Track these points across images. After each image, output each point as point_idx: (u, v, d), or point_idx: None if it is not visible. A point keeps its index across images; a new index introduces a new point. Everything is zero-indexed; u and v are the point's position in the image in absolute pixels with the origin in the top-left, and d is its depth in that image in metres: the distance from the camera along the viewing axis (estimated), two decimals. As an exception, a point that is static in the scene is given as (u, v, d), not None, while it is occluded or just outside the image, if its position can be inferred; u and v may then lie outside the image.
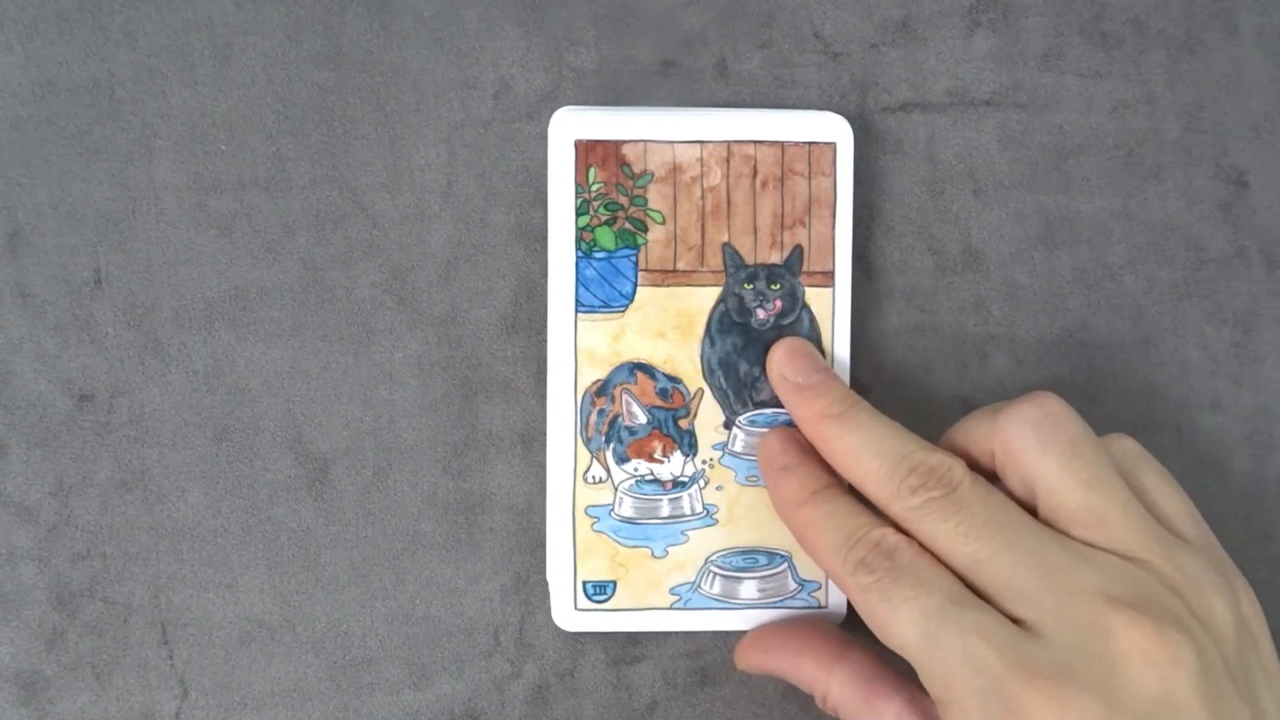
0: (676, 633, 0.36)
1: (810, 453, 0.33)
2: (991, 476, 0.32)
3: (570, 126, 0.34)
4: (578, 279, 0.35)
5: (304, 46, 0.35)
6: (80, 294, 0.35)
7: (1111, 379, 0.37)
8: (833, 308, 0.35)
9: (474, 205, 0.36)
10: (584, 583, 0.35)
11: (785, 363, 0.34)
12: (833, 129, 0.35)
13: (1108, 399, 0.37)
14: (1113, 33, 0.37)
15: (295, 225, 0.36)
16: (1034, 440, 0.30)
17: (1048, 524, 0.30)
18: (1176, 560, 0.29)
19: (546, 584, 0.35)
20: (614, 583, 0.35)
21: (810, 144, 0.35)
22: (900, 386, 0.36)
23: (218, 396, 0.35)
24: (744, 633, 0.35)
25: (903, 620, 0.29)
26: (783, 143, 0.35)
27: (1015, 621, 0.28)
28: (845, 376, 0.35)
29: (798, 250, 0.35)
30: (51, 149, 0.35)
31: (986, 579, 0.29)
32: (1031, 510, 0.31)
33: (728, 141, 0.35)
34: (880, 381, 0.36)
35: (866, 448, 0.31)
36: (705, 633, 0.36)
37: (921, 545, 0.30)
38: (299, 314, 0.36)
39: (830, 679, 0.32)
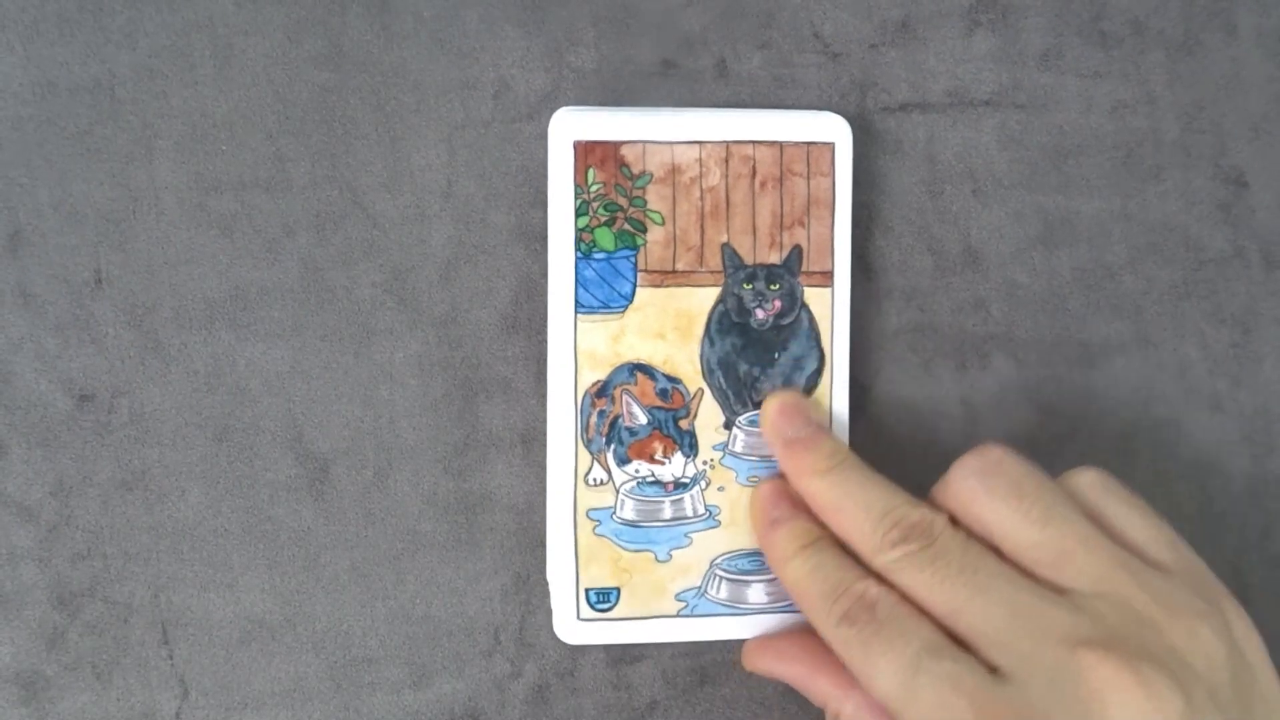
0: (676, 632, 0.36)
1: (801, 505, 0.33)
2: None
3: (570, 127, 0.34)
4: (577, 280, 0.35)
5: (304, 46, 0.35)
6: (80, 294, 0.35)
7: (1111, 379, 0.37)
8: (832, 308, 0.35)
9: (474, 205, 0.36)
10: (587, 590, 0.35)
11: (777, 416, 0.34)
12: (832, 129, 0.35)
13: (1107, 399, 0.37)
14: (1112, 33, 0.37)
15: (295, 225, 0.36)
16: (980, 488, 0.31)
17: (1014, 567, 0.30)
18: (1151, 588, 0.29)
19: (546, 584, 0.35)
20: (618, 590, 0.35)
21: (809, 144, 0.35)
22: (900, 386, 0.36)
23: (218, 396, 0.36)
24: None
25: (882, 672, 0.29)
26: (782, 143, 0.35)
27: (992, 668, 0.28)
28: (845, 377, 0.35)
29: (797, 250, 0.35)
30: (52, 149, 0.35)
31: (964, 626, 0.29)
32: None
33: (726, 142, 0.35)
34: (880, 381, 0.36)
35: (852, 502, 0.32)
36: (705, 632, 0.36)
37: (902, 596, 0.30)
38: (299, 314, 0.36)
39: (845, 700, 0.32)
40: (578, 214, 0.34)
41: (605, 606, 0.35)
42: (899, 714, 0.29)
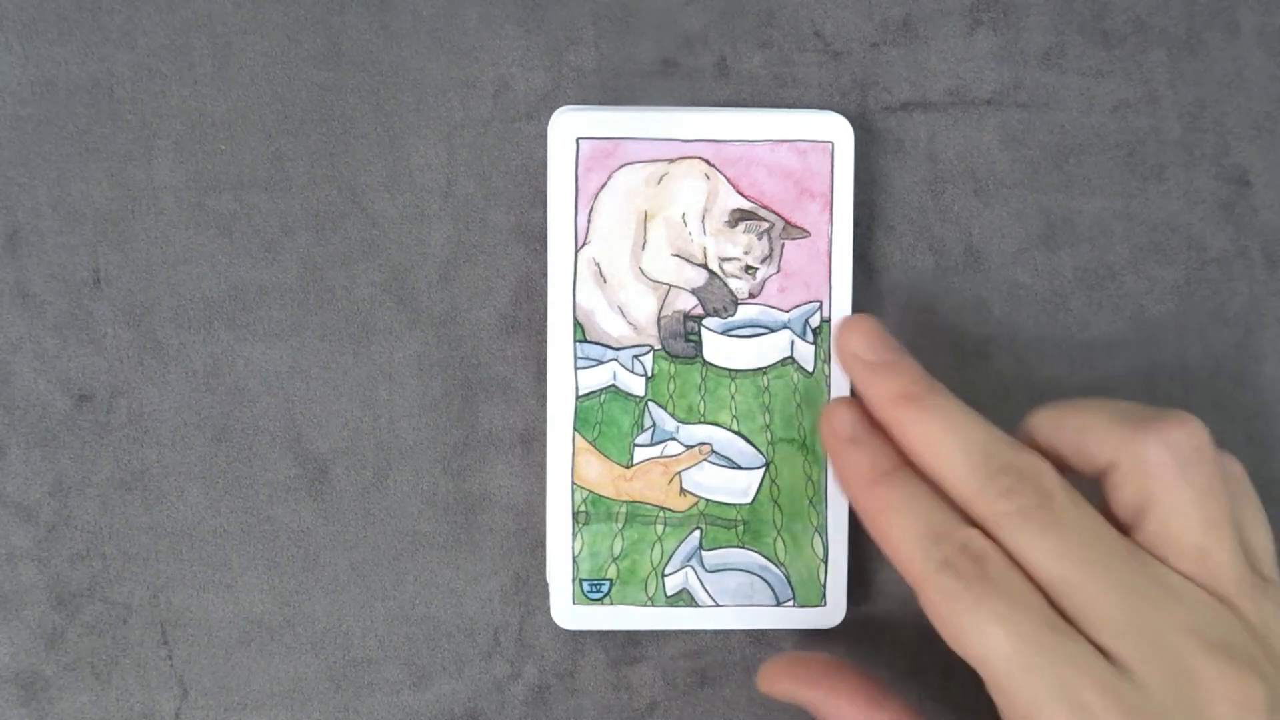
0: (676, 633, 0.36)
1: (880, 429, 0.30)
2: (1069, 473, 0.30)
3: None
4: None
5: (304, 46, 0.35)
6: (80, 294, 0.35)
7: (1113, 379, 0.37)
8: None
9: (474, 205, 0.36)
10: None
11: (855, 338, 0.31)
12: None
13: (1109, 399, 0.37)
14: (1114, 31, 0.37)
15: (295, 225, 0.35)
16: (1174, 468, 0.28)
17: (1146, 546, 0.28)
18: (1262, 607, 0.28)
19: (546, 584, 0.35)
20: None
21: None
22: (901, 387, 0.36)
23: (217, 396, 0.35)
24: (745, 633, 0.35)
25: (992, 637, 0.27)
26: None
27: (1102, 651, 0.27)
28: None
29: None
30: (51, 149, 0.35)
31: (1073, 602, 0.27)
32: (1122, 528, 0.29)
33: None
34: (881, 381, 0.36)
35: (948, 436, 0.29)
36: (705, 632, 0.36)
37: (1008, 555, 0.28)
38: (299, 314, 0.36)
39: None
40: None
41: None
42: (1001, 685, 0.27)
